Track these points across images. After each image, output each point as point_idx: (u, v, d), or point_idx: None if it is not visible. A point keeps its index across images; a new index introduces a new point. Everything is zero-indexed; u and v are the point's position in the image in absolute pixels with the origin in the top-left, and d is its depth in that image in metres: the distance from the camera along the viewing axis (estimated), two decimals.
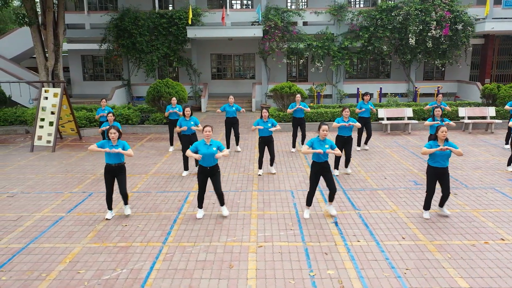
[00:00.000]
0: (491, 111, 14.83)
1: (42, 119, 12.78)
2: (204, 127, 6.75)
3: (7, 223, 6.85)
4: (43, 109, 12.88)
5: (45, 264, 5.44)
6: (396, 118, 14.98)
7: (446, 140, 6.48)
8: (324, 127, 6.65)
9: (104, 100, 11.58)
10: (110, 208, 6.98)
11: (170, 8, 23.15)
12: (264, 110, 9.26)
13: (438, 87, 20.82)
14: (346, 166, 9.44)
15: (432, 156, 6.52)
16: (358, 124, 9.00)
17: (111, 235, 6.31)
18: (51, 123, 12.73)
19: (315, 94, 20.53)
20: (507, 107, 11.92)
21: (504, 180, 8.85)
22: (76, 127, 13.85)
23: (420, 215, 6.94)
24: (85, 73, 24.23)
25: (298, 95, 11.50)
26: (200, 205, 6.98)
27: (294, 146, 11.77)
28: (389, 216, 6.93)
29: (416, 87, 20.96)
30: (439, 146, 6.43)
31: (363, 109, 11.20)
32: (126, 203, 7.04)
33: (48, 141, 12.43)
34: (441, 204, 6.83)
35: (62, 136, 14.18)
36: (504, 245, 5.82)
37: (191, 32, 19.89)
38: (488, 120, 14.50)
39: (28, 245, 6.02)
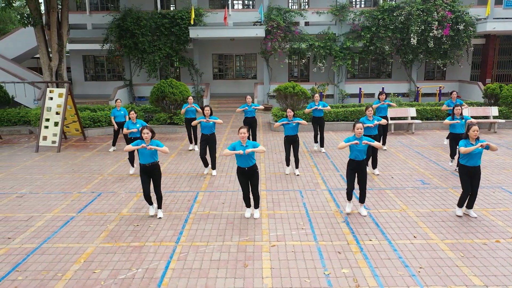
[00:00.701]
0: (494, 110, 14.90)
1: (47, 120, 12.79)
2: (239, 129, 6.73)
3: (18, 223, 6.86)
4: (48, 109, 12.89)
5: (60, 264, 5.46)
6: (399, 118, 15.03)
7: (477, 138, 6.53)
8: (359, 125, 6.75)
9: (119, 100, 11.58)
10: (150, 203, 7.02)
11: (172, 8, 23.17)
12: (289, 110, 9.24)
13: (440, 87, 20.89)
14: (375, 167, 9.43)
15: (466, 155, 6.56)
16: (384, 121, 9.03)
17: (124, 235, 6.33)
18: (56, 124, 12.73)
19: (318, 93, 20.52)
20: None
21: (511, 179, 8.90)
22: (80, 127, 13.86)
23: (430, 214, 6.99)
24: (86, 73, 24.24)
25: (317, 95, 11.54)
26: (247, 205, 7.01)
27: (316, 142, 11.85)
28: (399, 215, 6.97)
29: (418, 87, 21.03)
30: (472, 144, 6.48)
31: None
32: (160, 206, 7.06)
33: (53, 142, 12.44)
34: (469, 206, 6.85)
35: (67, 137, 14.19)
36: None
37: (193, 32, 19.92)
38: (491, 120, 14.57)
39: (41, 245, 6.03)
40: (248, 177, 6.75)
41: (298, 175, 9.41)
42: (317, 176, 9.31)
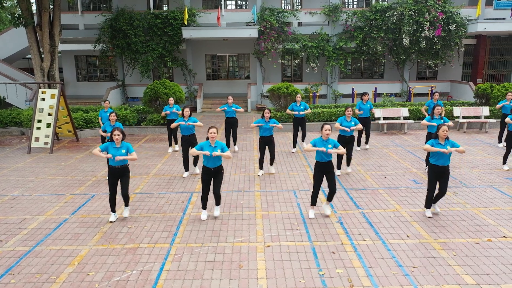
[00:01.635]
0: (485, 110, 15.05)
1: (39, 121, 12.69)
2: (209, 129, 6.76)
3: (11, 226, 6.81)
4: (40, 110, 12.79)
5: (53, 267, 5.43)
6: (392, 118, 15.13)
7: (447, 138, 6.59)
8: (327, 126, 6.72)
9: (107, 102, 11.52)
10: (113, 210, 6.95)
11: (165, 8, 23.08)
12: (266, 110, 9.30)
13: (432, 87, 21.06)
14: (348, 165, 9.53)
15: (433, 154, 6.62)
16: (359, 126, 9.09)
17: (118, 237, 6.31)
18: (48, 125, 12.64)
19: (311, 94, 20.64)
20: (498, 106, 12.01)
21: (502, 178, 9.01)
22: (73, 129, 13.78)
23: (422, 213, 7.05)
24: (78, 74, 24.06)
25: (299, 95, 11.58)
26: (204, 206, 6.98)
27: (294, 146, 11.85)
28: (392, 215, 7.03)
29: (410, 87, 21.18)
30: (441, 144, 6.54)
31: (361, 112, 11.36)
32: (126, 205, 7.03)
33: (46, 143, 12.35)
34: (435, 201, 6.93)
35: (59, 138, 14.09)
36: (506, 242, 5.94)
37: (187, 33, 19.87)
38: (482, 120, 14.72)
39: (34, 248, 6.00)
40: (212, 177, 6.76)
41: (273, 173, 9.51)
42: (311, 177, 9.34)
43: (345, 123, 9.05)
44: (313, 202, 6.98)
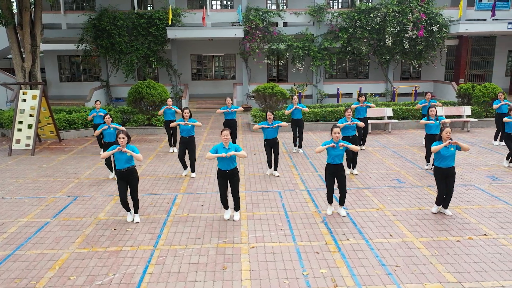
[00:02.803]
0: (467, 110, 15.30)
1: (20, 122, 12.45)
2: (222, 131, 6.70)
3: None
4: (21, 111, 12.55)
5: (33, 271, 5.33)
6: (377, 118, 15.27)
7: (450, 139, 6.69)
8: (336, 130, 6.79)
9: (98, 102, 11.35)
10: (128, 210, 6.90)
11: (149, 8, 22.91)
12: (269, 113, 9.26)
13: (415, 87, 21.33)
14: (354, 167, 9.54)
15: (437, 157, 6.70)
16: (361, 124, 9.17)
17: (100, 240, 6.23)
18: (29, 126, 12.42)
19: (297, 94, 20.69)
20: (495, 106, 12.23)
21: (482, 177, 9.16)
22: (55, 130, 13.55)
23: (405, 212, 7.13)
24: (61, 74, 23.72)
25: (295, 97, 11.61)
26: (225, 207, 6.97)
27: (295, 145, 11.91)
28: (376, 214, 7.09)
29: (394, 87, 21.42)
30: (445, 146, 6.62)
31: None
32: (136, 211, 6.94)
33: (27, 145, 12.12)
34: (445, 206, 7.01)
35: (41, 139, 13.85)
36: (487, 240, 6.04)
37: (171, 33, 19.75)
38: (464, 119, 14.96)
39: (14, 252, 5.87)
40: (228, 179, 6.73)
41: (278, 176, 9.44)
42: (296, 177, 9.37)
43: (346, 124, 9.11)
44: (330, 201, 7.10)
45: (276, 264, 5.42)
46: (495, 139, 12.44)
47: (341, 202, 7.07)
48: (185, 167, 9.62)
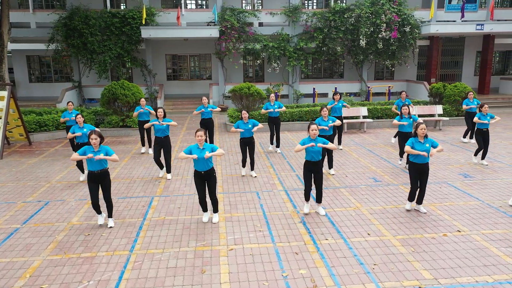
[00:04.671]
0: (438, 109, 15.68)
1: None
2: (196, 132, 6.56)
3: None
4: None
5: (2, 281, 5.10)
6: (352, 117, 15.45)
7: (426, 136, 6.80)
8: (313, 126, 6.79)
9: (71, 103, 11.01)
10: (99, 212, 6.71)
11: (123, 7, 22.48)
12: (244, 112, 9.19)
13: (389, 86, 21.72)
14: (330, 167, 9.56)
15: (414, 154, 6.81)
16: (338, 122, 9.22)
17: (74, 246, 6.03)
18: None
19: (273, 93, 20.69)
20: (464, 106, 12.57)
21: (455, 174, 9.39)
22: (25, 132, 13.10)
23: (382, 211, 7.21)
24: (31, 75, 22.99)
25: (272, 95, 11.66)
26: (204, 209, 6.84)
27: (272, 143, 11.90)
28: (353, 213, 7.14)
29: (368, 87, 21.75)
30: (420, 142, 6.75)
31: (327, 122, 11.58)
32: (110, 215, 6.74)
33: None
34: (418, 202, 7.12)
35: (10, 142, 13.35)
36: (460, 236, 6.18)
37: (146, 32, 19.44)
38: (436, 118, 15.32)
39: None
40: (205, 180, 6.64)
41: (255, 176, 9.40)
42: (274, 177, 9.35)
43: (323, 124, 9.12)
44: (307, 198, 7.10)
45: (255, 266, 5.37)
46: (464, 136, 12.78)
47: (318, 200, 7.08)
48: (161, 167, 9.48)
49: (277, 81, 21.97)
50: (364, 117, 15.53)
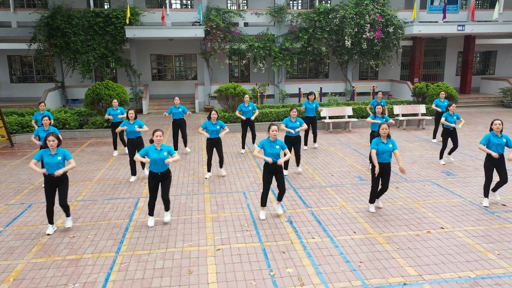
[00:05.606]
0: (421, 108, 15.93)
1: None
2: (154, 131, 6.52)
3: None
4: None
5: None
6: (337, 117, 15.58)
7: (389, 137, 6.90)
8: (273, 127, 6.78)
9: (42, 104, 10.81)
10: (51, 222, 6.48)
11: (106, 6, 22.23)
12: (213, 112, 9.17)
13: (374, 86, 21.96)
14: (298, 165, 9.64)
15: (377, 153, 6.89)
16: (304, 127, 9.24)
17: (58, 248, 5.95)
18: None
19: (258, 94, 20.77)
20: (433, 106, 12.79)
21: (438, 172, 9.56)
22: (7, 134, 12.85)
23: (367, 209, 7.30)
24: (12, 75, 22.56)
25: (247, 96, 11.64)
26: (151, 213, 6.73)
27: (243, 147, 11.82)
28: (339, 212, 7.22)
29: (353, 87, 21.96)
30: (383, 143, 6.83)
31: (306, 110, 11.67)
32: (68, 215, 6.62)
33: None
34: (378, 196, 7.24)
35: None
36: (444, 233, 6.30)
37: (130, 32, 19.25)
38: (420, 117, 15.56)
39: None
40: (160, 181, 6.56)
41: (224, 175, 9.39)
42: (260, 177, 9.37)
43: (290, 124, 9.16)
44: (263, 203, 6.95)
45: (243, 266, 5.39)
46: (434, 137, 13.00)
47: (279, 198, 6.97)
48: (133, 173, 9.20)
49: (263, 81, 22.01)
50: (349, 116, 15.68)
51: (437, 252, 5.69)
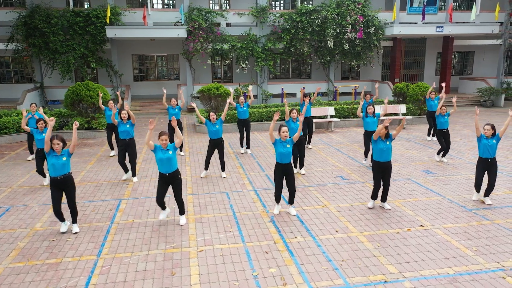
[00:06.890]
0: (402, 108, 16.18)
1: None
2: (159, 136, 6.47)
3: None
4: None
5: None
6: (320, 117, 15.70)
7: (387, 136, 7.04)
8: (284, 128, 6.88)
9: (34, 104, 10.53)
10: (62, 220, 6.45)
11: (86, 6, 21.89)
12: (211, 113, 9.13)
13: (355, 86, 22.20)
14: (301, 167, 9.65)
15: (376, 151, 7.03)
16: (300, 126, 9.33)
17: (38, 252, 5.84)
18: None
19: (241, 94, 20.73)
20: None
21: (418, 171, 9.73)
22: None
23: (349, 208, 7.39)
24: None
25: (242, 97, 11.64)
26: (163, 208, 6.72)
27: (242, 146, 11.86)
28: (321, 211, 7.28)
29: (335, 87, 22.16)
30: (383, 141, 6.96)
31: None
32: (75, 220, 6.54)
33: None
34: (383, 199, 7.34)
35: None
36: (423, 231, 6.42)
37: (111, 32, 19.01)
38: (401, 117, 15.75)
39: None
40: (170, 183, 6.56)
41: (224, 177, 9.39)
42: (243, 177, 9.39)
43: (292, 125, 9.21)
44: (278, 200, 7.13)
45: (226, 267, 5.39)
46: (428, 135, 13.31)
47: (291, 201, 7.16)
48: (126, 170, 9.30)
49: (246, 81, 22.01)
50: (332, 116, 15.82)
51: (417, 249, 5.80)
